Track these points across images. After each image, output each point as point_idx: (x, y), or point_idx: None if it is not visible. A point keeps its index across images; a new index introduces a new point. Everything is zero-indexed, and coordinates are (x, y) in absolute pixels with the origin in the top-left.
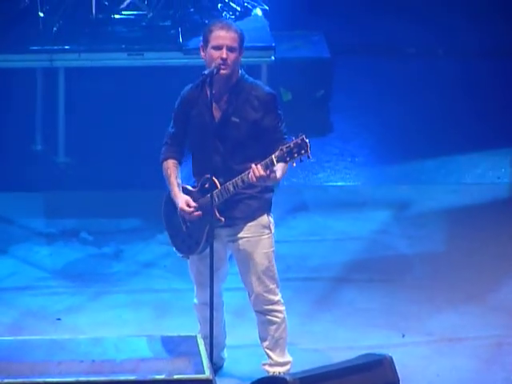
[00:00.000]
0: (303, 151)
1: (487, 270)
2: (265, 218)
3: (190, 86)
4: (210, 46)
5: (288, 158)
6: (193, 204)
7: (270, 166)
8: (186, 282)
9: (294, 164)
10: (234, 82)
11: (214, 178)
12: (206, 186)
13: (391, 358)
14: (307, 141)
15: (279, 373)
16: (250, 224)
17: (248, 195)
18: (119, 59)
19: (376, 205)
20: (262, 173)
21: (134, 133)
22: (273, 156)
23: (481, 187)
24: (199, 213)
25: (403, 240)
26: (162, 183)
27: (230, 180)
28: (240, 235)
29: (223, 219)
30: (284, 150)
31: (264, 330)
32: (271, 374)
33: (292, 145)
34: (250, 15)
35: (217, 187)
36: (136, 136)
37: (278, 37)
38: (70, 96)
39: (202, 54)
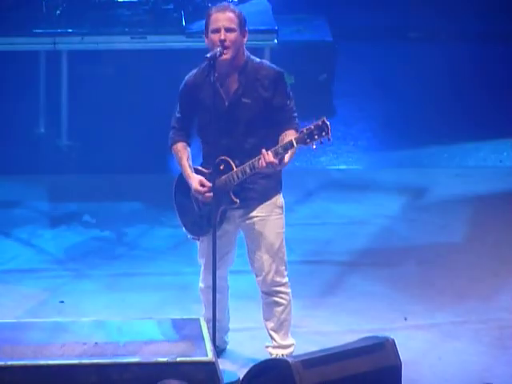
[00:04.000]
0: (324, 133)
1: (489, 253)
2: (278, 198)
3: (195, 70)
4: (209, 30)
5: (308, 140)
6: (207, 184)
7: (289, 148)
8: (189, 264)
9: (314, 146)
10: (241, 63)
11: (229, 160)
12: (221, 167)
13: (393, 341)
14: (328, 123)
15: (282, 355)
16: (264, 204)
17: (261, 175)
18: (122, 42)
19: (378, 188)
20: (272, 159)
21: (136, 116)
22: (292, 138)
23: (483, 171)
24: (211, 194)
25: (405, 223)
26: (164, 166)
27: (244, 161)
28: (253, 214)
29: (238, 201)
30: (305, 131)
31: (269, 311)
32: (274, 356)
33: (313, 126)
34: None
35: (232, 169)
36: (139, 119)
37: (281, 20)
38: (73, 79)
39: (206, 40)
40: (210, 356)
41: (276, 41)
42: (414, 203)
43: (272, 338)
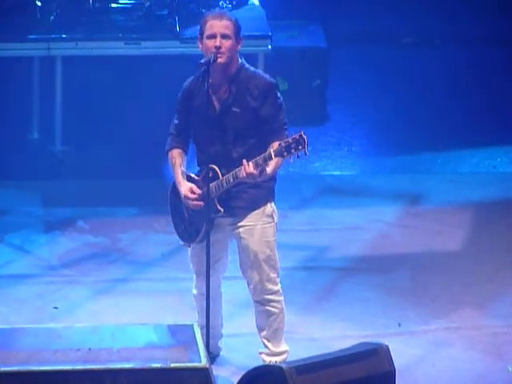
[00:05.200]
0: (300, 147)
1: (483, 259)
2: (268, 207)
3: (192, 77)
4: (204, 36)
5: (285, 153)
6: (197, 191)
7: (268, 160)
8: (183, 270)
9: (291, 160)
10: (234, 71)
11: (215, 168)
12: (210, 175)
13: (387, 347)
14: (305, 137)
15: (276, 362)
16: (252, 213)
17: (251, 184)
18: (116, 48)
19: (372, 194)
20: (252, 170)
21: (130, 122)
22: (271, 151)
23: (477, 177)
24: (200, 203)
25: (400, 229)
26: (159, 172)
27: (230, 169)
28: (242, 223)
29: (222, 210)
30: (283, 145)
31: (262, 320)
32: (268, 362)
33: (290, 140)
34: (246, 4)
35: (218, 177)
36: (133, 125)
37: (275, 26)
38: (67, 85)
39: (200, 45)
40: (203, 362)
41: (270, 47)
42: (408, 209)
43: (265, 345)
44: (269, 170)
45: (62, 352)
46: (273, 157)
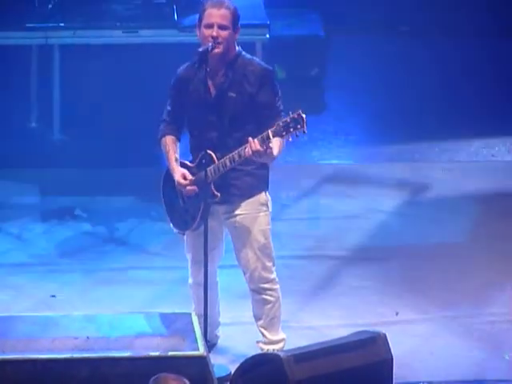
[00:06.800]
0: (299, 126)
1: (481, 248)
2: (262, 196)
3: (187, 64)
4: (202, 24)
5: (284, 133)
6: (189, 177)
7: (266, 141)
8: (180, 259)
9: (290, 139)
10: (231, 58)
11: (211, 153)
12: (204, 161)
13: (385, 336)
14: (303, 115)
15: (273, 350)
16: (247, 201)
17: (245, 172)
18: (114, 36)
19: (370, 183)
20: (259, 147)
21: (128, 110)
22: (269, 130)
23: (475, 165)
24: (194, 187)
25: (397, 218)
26: (157, 160)
27: (225, 155)
28: (237, 212)
29: (219, 194)
30: (280, 124)
31: (259, 308)
32: (265, 351)
33: (289, 119)
34: None
35: (214, 162)
36: (131, 113)
37: (273, 14)
38: (64, 73)
39: (198, 33)
40: (201, 350)
41: (267, 35)
42: (405, 198)
43: (262, 334)
44: (274, 151)
45: (60, 340)
46: (270, 136)
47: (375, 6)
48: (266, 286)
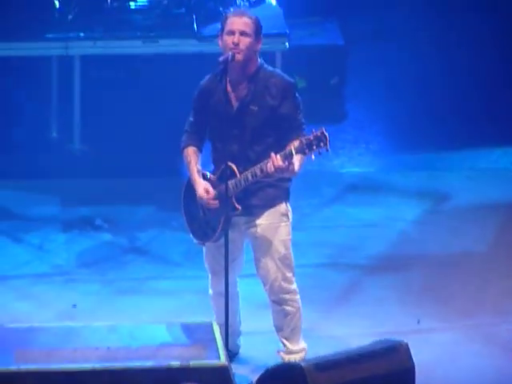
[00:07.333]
0: (322, 144)
1: (502, 256)
2: (283, 206)
3: (209, 75)
4: (224, 32)
5: (307, 151)
6: (212, 191)
7: (288, 157)
8: (201, 269)
9: (313, 156)
10: (253, 70)
11: (232, 166)
12: (226, 174)
13: (407, 345)
14: (327, 134)
15: (294, 359)
16: (268, 211)
17: (266, 183)
18: (134, 47)
19: (391, 191)
20: (281, 163)
21: (148, 120)
22: (292, 147)
23: (495, 173)
24: (216, 202)
25: (418, 226)
26: (176, 170)
27: (248, 168)
28: (258, 222)
29: (240, 207)
30: (304, 141)
31: (279, 319)
32: (286, 360)
33: (312, 137)
34: (264, 2)
35: (236, 175)
36: (151, 123)
37: (292, 24)
38: (85, 84)
39: (220, 42)
40: (222, 360)
41: (287, 45)
42: (426, 206)
43: (283, 344)
44: (296, 167)
45: (81, 351)
46: (293, 153)
47: (395, 16)
48: (286, 296)
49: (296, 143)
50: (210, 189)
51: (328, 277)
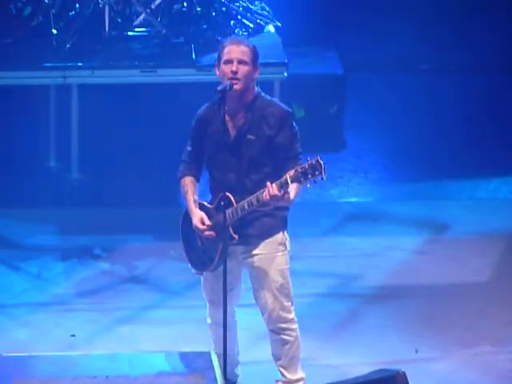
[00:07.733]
0: (317, 172)
1: (501, 285)
2: (280, 236)
3: (207, 104)
4: (222, 61)
5: (302, 179)
6: (207, 222)
7: (284, 186)
8: (199, 298)
9: (308, 185)
10: (250, 99)
11: (229, 195)
12: (223, 203)
13: (404, 374)
14: (322, 162)
15: None
16: (265, 241)
17: (263, 213)
18: (132, 76)
19: (389, 221)
20: (276, 192)
21: (147, 150)
22: (287, 176)
23: (494, 202)
24: (212, 232)
25: (417, 256)
26: (175, 200)
27: (245, 197)
28: (255, 252)
29: (237, 237)
30: (299, 170)
31: (277, 348)
32: None
33: (307, 166)
34: (262, 32)
35: (232, 205)
36: (149, 153)
37: (291, 53)
38: (83, 113)
39: (217, 72)
40: None
41: (286, 74)
42: (425, 235)
43: (282, 373)
44: (291, 195)
45: (80, 380)
46: (289, 182)
47: (394, 44)
48: (284, 325)
49: (292, 172)
50: (206, 219)
51: (326, 306)
